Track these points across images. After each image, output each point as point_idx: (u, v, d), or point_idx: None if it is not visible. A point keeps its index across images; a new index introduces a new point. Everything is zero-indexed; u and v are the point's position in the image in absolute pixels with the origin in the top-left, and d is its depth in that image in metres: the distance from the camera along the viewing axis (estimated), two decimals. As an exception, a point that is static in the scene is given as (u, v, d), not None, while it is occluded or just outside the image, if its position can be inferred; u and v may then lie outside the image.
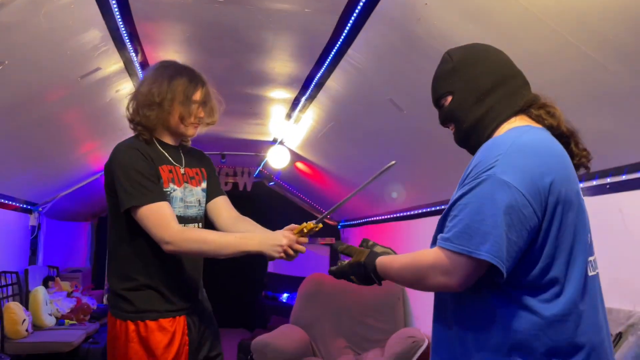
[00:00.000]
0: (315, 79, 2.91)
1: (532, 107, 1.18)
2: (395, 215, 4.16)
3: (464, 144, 1.26)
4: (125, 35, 2.36)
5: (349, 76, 2.72)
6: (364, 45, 2.35)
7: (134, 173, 1.58)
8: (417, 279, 1.15)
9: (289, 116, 3.72)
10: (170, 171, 1.69)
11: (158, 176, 1.64)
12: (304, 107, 3.43)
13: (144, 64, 2.78)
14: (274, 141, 4.53)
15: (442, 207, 3.29)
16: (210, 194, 1.80)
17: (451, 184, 3.47)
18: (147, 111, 1.64)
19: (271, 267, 5.95)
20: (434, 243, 1.16)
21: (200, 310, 1.77)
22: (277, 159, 4.57)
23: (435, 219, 1.21)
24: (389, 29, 2.12)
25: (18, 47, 2.09)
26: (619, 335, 1.87)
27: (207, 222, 1.80)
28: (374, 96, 2.77)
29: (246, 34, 2.43)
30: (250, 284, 5.86)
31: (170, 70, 1.68)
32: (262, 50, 2.63)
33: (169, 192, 1.66)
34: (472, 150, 1.23)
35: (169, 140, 1.73)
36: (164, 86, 1.63)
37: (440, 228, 1.16)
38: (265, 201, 5.62)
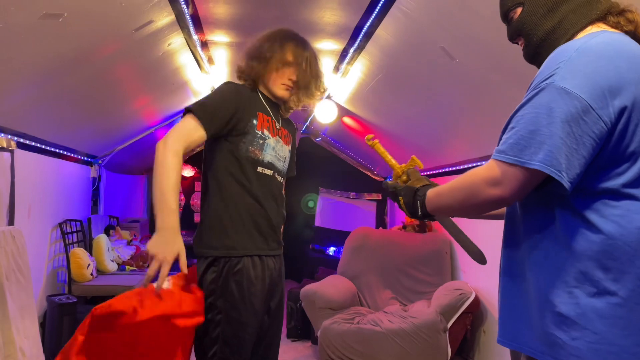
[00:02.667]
0: (365, 28, 2.85)
1: (610, 14, 1.11)
2: (446, 170, 4.11)
3: (534, 60, 1.19)
4: (177, -15, 2.38)
5: (399, 24, 2.65)
6: (416, -10, 2.28)
7: (216, 96, 1.69)
8: (469, 196, 1.10)
9: (337, 69, 3.69)
10: (267, 120, 1.77)
11: (242, 118, 1.69)
12: (352, 58, 3.39)
13: (194, 17, 2.80)
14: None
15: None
16: (289, 168, 1.91)
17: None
18: (253, 62, 1.77)
19: (318, 221, 6.06)
20: None
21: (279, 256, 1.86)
22: (324, 114, 4.57)
23: None
24: (443, -29, 2.04)
25: (75, 0, 2.15)
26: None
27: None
28: (425, 45, 2.70)
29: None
30: (298, 237, 6.00)
31: (278, 33, 1.81)
32: (310, -1, 2.60)
33: (263, 137, 1.73)
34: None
35: (270, 97, 1.82)
36: (270, 44, 1.77)
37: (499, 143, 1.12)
38: (312, 157, 5.67)
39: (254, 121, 1.72)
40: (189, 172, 6.11)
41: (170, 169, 1.52)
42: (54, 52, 2.47)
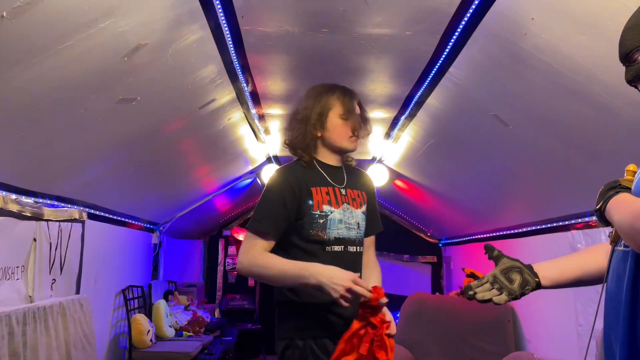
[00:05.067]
0: (415, 98, 2.93)
1: None
2: (500, 234, 4.01)
3: None
4: (238, 68, 2.56)
5: (450, 93, 2.72)
6: (466, 63, 2.35)
7: (264, 201, 1.64)
8: (635, 235, 0.95)
9: (388, 135, 3.77)
10: (327, 193, 1.66)
11: (299, 203, 1.62)
12: (403, 125, 3.46)
13: (253, 93, 2.98)
14: (373, 160, 4.59)
15: (551, 224, 3.14)
16: (370, 227, 1.77)
17: (561, 199, 3.31)
18: (305, 127, 1.67)
19: (372, 285, 5.96)
20: None
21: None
22: (375, 177, 4.62)
23: (545, 237, 1.10)
24: (493, 45, 2.10)
25: (149, 84, 2.35)
26: None
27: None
28: (476, 112, 2.74)
29: (348, 59, 2.53)
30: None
31: (320, 88, 1.71)
32: (363, 73, 2.71)
33: (323, 215, 1.63)
34: None
35: (330, 160, 1.72)
36: (316, 102, 1.67)
37: None
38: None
39: (310, 202, 1.63)
40: (244, 236, 6.23)
41: (263, 266, 1.56)
42: (125, 130, 2.68)
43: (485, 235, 4.36)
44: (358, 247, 1.71)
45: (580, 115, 2.08)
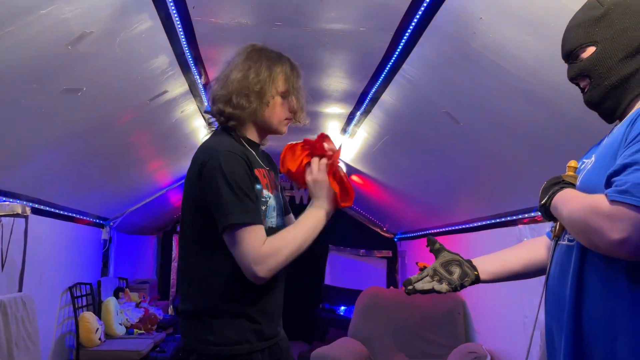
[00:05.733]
0: (370, 94, 2.95)
1: None
2: (453, 228, 4.11)
3: (596, 105, 1.12)
4: (190, 59, 2.50)
5: (404, 90, 2.75)
6: (419, 60, 2.38)
7: (237, 185, 1.30)
8: (586, 229, 0.97)
9: (344, 131, 3.78)
10: (264, 175, 1.44)
11: (255, 186, 1.38)
12: (359, 121, 3.48)
13: (206, 86, 2.93)
14: (330, 155, 4.59)
15: (500, 220, 3.23)
16: (285, 207, 1.57)
17: (509, 195, 3.40)
18: (244, 101, 1.39)
19: (328, 280, 5.99)
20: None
21: (283, 340, 1.50)
22: (332, 173, 4.63)
23: (494, 231, 1.14)
24: (444, 43, 2.14)
25: (95, 75, 2.26)
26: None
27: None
28: (429, 109, 2.78)
29: (303, 54, 2.51)
30: (308, 297, 5.93)
31: (270, 53, 1.46)
32: (318, 69, 2.71)
33: (265, 201, 1.40)
34: (605, 114, 1.12)
35: (255, 138, 1.49)
36: (263, 73, 1.41)
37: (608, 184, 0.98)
38: (321, 214, 5.69)
39: (258, 186, 1.39)
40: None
41: (288, 243, 1.33)
42: (72, 122, 2.58)
43: (438, 230, 4.45)
44: None
45: (527, 113, 2.14)
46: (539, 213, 1.16)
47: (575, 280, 1.04)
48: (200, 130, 3.71)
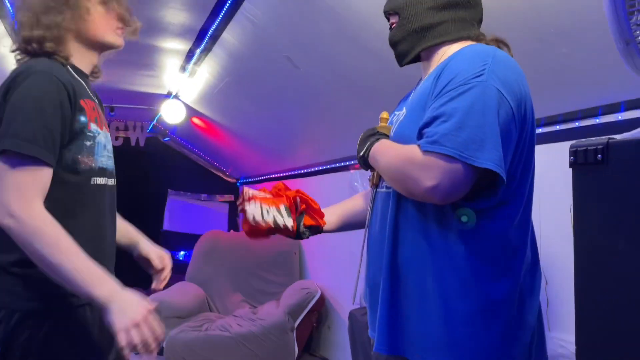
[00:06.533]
0: (210, 31, 2.81)
1: (483, 40, 1.14)
2: (293, 173, 4.22)
3: (398, 44, 1.17)
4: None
5: (246, 30, 2.66)
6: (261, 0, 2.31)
7: (36, 108, 1.12)
8: (401, 177, 1.04)
9: (183, 69, 3.58)
10: (94, 108, 1.26)
11: (77, 117, 1.20)
12: (199, 59, 3.31)
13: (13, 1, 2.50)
14: (169, 94, 4.34)
15: (334, 165, 3.41)
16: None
17: (342, 141, 3.56)
18: (53, 17, 1.19)
19: (166, 225, 5.81)
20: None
21: None
22: (171, 114, 4.40)
23: (330, 176, 1.19)
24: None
25: None
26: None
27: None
28: (271, 52, 2.74)
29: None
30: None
31: None
32: (151, -3, 2.48)
33: (92, 136, 1.23)
34: (401, 55, 1.18)
35: (83, 64, 1.29)
36: None
37: (415, 136, 1.03)
38: (160, 157, 5.42)
39: (82, 119, 1.21)
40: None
41: (57, 236, 1.09)
42: None
43: (279, 175, 4.55)
44: (115, 180, 1.35)
45: (359, 62, 2.23)
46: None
47: (392, 225, 1.13)
48: (9, 57, 3.19)
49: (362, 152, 1.17)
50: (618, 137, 0.84)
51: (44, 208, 1.11)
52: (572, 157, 0.87)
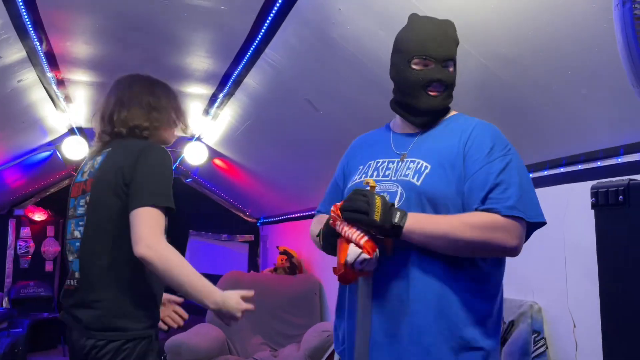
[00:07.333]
0: (233, 76, 2.90)
1: None
2: (313, 213, 4.23)
3: (438, 111, 1.32)
4: (29, 23, 2.22)
5: (267, 75, 2.75)
6: (282, 45, 2.39)
7: (168, 174, 1.53)
8: (487, 239, 1.17)
9: (206, 112, 3.68)
10: None
11: None
12: (222, 103, 3.41)
13: (49, 54, 2.63)
14: (192, 137, 4.45)
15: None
16: None
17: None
18: (155, 114, 1.64)
19: (188, 266, 5.83)
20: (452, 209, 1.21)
21: None
22: (194, 155, 4.49)
23: None
24: (305, 30, 2.17)
25: None
26: (512, 323, 2.05)
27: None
28: (291, 96, 2.81)
29: (162, 27, 2.38)
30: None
31: (163, 84, 1.74)
32: (178, 45, 2.58)
33: None
34: (433, 118, 1.33)
35: None
36: (173, 101, 1.71)
37: (469, 198, 1.21)
38: (182, 198, 5.48)
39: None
40: (40, 216, 5.54)
41: (181, 261, 1.48)
42: None
43: (298, 215, 4.57)
44: None
45: (378, 104, 2.27)
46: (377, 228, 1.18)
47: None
48: (42, 103, 3.34)
49: (397, 220, 1.16)
50: (639, 177, 0.85)
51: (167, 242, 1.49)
52: (593, 199, 0.88)
